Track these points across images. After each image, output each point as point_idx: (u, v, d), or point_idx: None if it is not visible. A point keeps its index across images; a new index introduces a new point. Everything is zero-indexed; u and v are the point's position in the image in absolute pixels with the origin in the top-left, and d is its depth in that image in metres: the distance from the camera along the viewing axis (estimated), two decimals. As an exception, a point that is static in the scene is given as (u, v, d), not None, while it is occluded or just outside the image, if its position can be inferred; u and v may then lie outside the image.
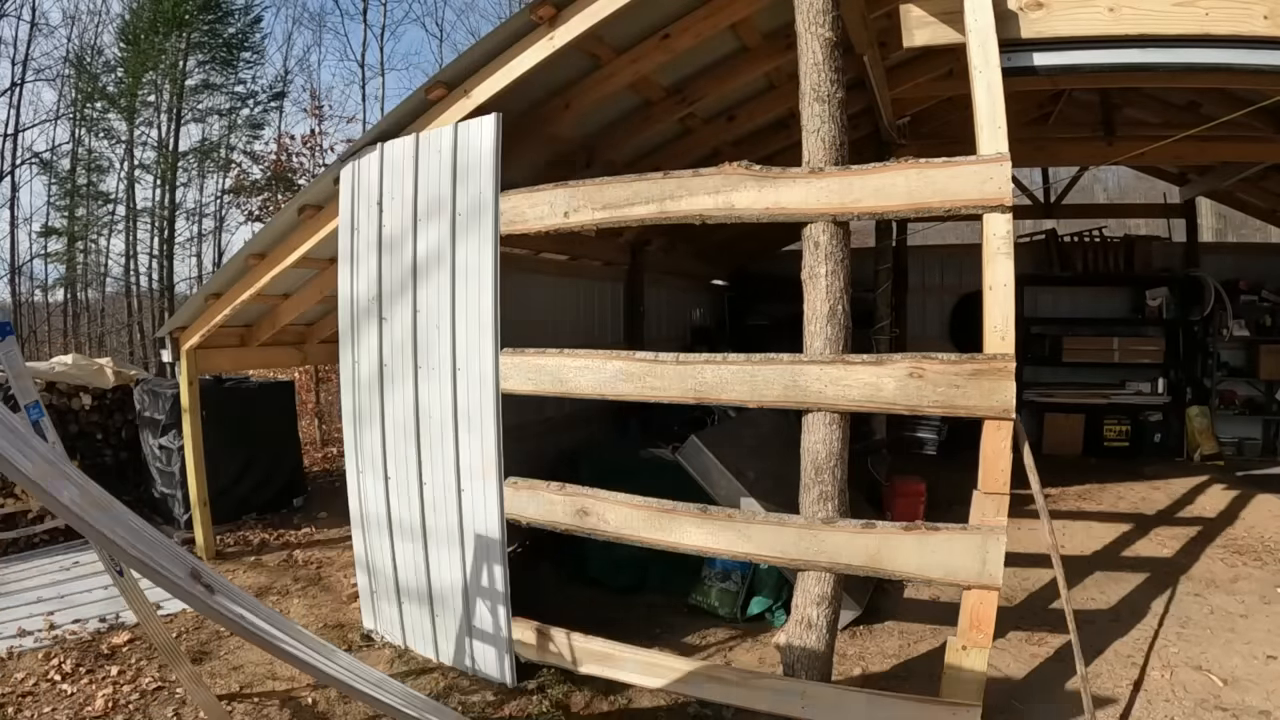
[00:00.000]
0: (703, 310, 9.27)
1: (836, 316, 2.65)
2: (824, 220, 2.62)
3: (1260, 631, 3.50)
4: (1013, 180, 2.46)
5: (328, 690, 3.24)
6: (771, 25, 3.88)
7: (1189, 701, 2.93)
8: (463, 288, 3.21)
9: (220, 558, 5.03)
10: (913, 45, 2.78)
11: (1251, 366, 7.51)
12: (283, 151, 11.59)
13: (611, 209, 2.88)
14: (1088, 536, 5.01)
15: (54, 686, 3.25)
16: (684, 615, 3.97)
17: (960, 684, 2.51)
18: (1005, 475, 2.42)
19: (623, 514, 2.96)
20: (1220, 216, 13.43)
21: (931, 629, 3.58)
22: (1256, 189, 7.51)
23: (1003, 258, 2.38)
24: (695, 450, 4.04)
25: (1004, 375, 2.37)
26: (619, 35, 3.47)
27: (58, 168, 15.84)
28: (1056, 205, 8.57)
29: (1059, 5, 2.56)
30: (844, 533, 2.62)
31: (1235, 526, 5.15)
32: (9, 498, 5.10)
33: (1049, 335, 7.91)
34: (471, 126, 3.12)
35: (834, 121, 2.66)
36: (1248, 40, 2.47)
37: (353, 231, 3.56)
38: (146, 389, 5.76)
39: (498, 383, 3.12)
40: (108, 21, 16.47)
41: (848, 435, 2.71)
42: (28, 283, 15.87)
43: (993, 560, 2.42)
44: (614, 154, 4.77)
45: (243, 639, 2.13)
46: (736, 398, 2.74)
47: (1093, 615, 3.73)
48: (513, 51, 3.08)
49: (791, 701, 2.72)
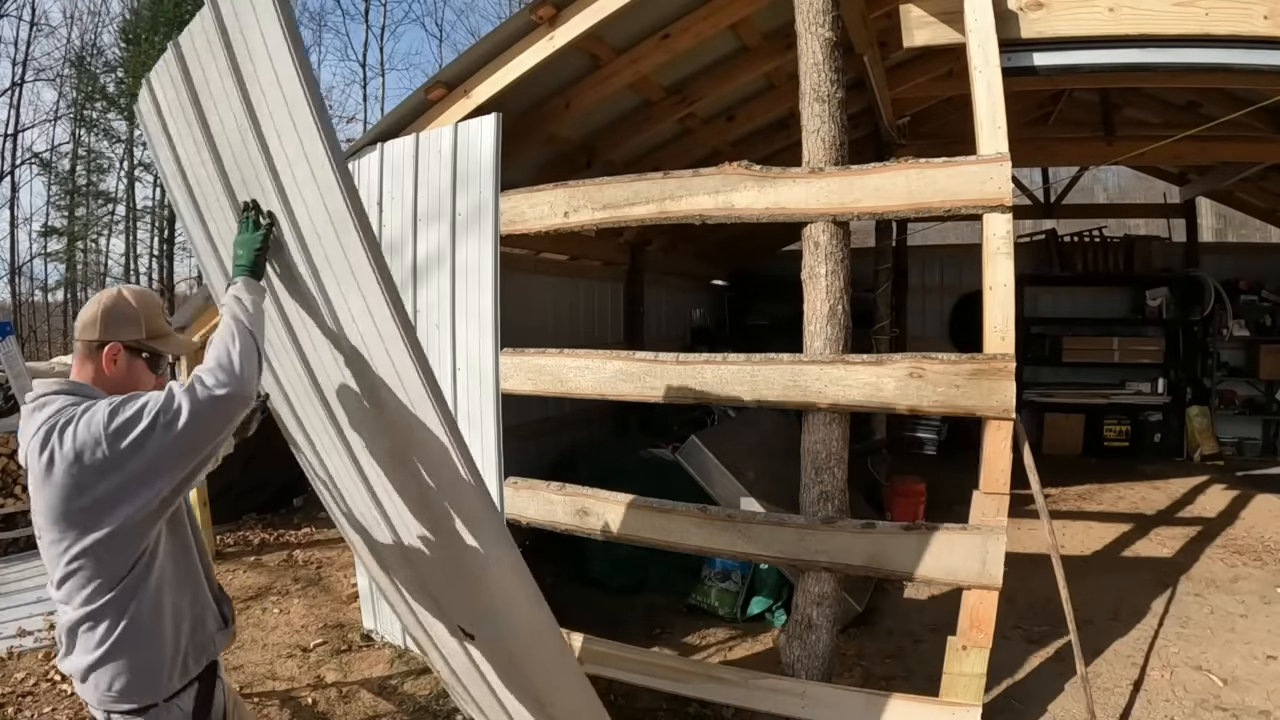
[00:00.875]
0: (703, 310, 9.27)
1: (836, 316, 2.65)
2: (824, 220, 2.63)
3: (1260, 631, 3.50)
4: (1013, 180, 2.46)
5: (328, 690, 3.24)
6: (771, 25, 3.88)
7: (1189, 701, 2.93)
8: (463, 288, 3.20)
9: (220, 558, 5.03)
10: (913, 45, 2.78)
11: (1251, 366, 7.50)
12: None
13: (611, 209, 2.88)
14: (1088, 536, 5.01)
15: (54, 686, 3.26)
16: (684, 615, 3.97)
17: (960, 684, 2.52)
18: (1005, 475, 2.42)
19: (623, 514, 2.96)
20: (1220, 216, 13.43)
21: (931, 629, 3.57)
22: (1256, 189, 7.51)
23: (1003, 258, 2.38)
24: (695, 450, 4.04)
25: (1004, 375, 2.37)
26: (619, 35, 3.47)
27: (58, 168, 15.88)
28: (1056, 205, 8.57)
29: (1059, 5, 2.56)
30: (844, 533, 2.62)
31: (1235, 526, 5.15)
32: (9, 498, 5.10)
33: (1049, 335, 7.91)
34: (471, 126, 3.12)
35: (834, 121, 2.66)
36: (1248, 40, 2.47)
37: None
38: (146, 389, 5.76)
39: (498, 383, 3.12)
40: (108, 21, 16.50)
41: (848, 435, 2.72)
42: (28, 283, 15.92)
43: (993, 560, 2.42)
44: (614, 154, 4.77)
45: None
46: (736, 398, 2.74)
47: (1093, 615, 3.72)
48: (513, 51, 3.08)
49: (791, 701, 2.72)
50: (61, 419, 1.42)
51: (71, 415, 1.42)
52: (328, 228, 1.65)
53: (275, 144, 1.67)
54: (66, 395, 1.50)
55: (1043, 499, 2.66)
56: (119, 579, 1.45)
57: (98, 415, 1.39)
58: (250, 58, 1.62)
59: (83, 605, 1.45)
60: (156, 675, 1.51)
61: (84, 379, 1.56)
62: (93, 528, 1.40)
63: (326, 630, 3.86)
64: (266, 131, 1.68)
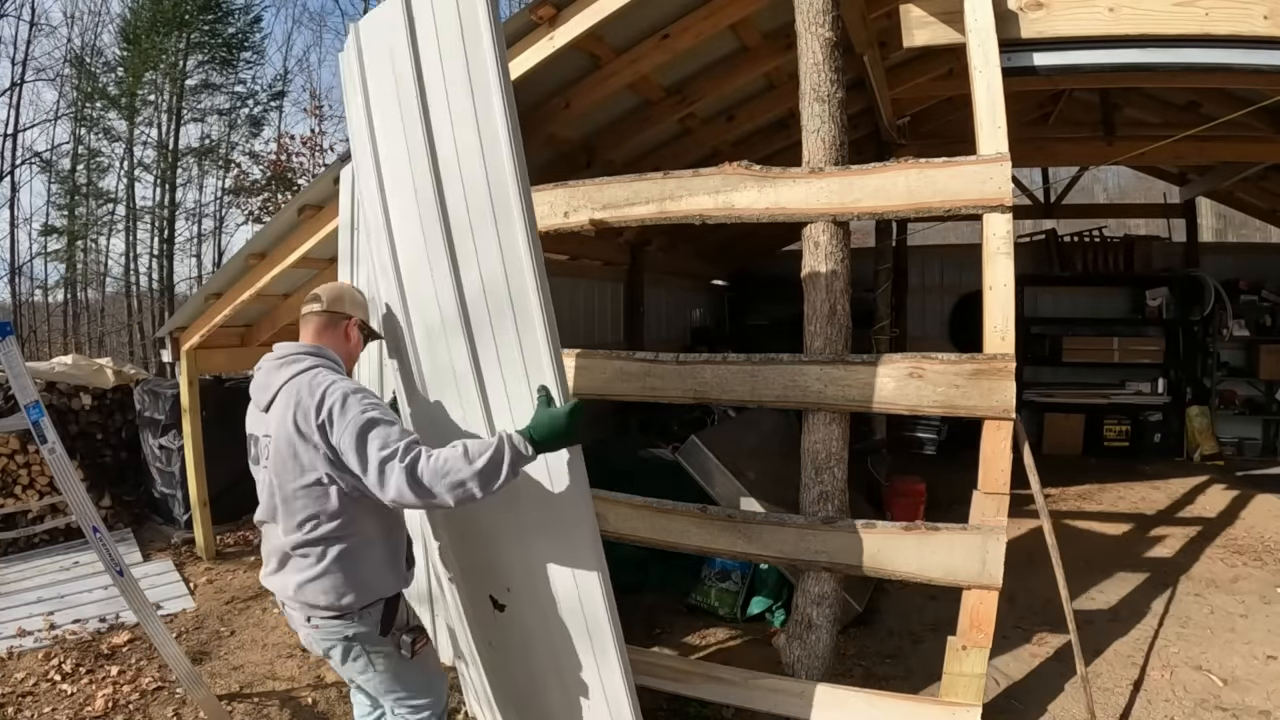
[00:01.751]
0: (703, 310, 9.27)
1: (836, 316, 2.65)
2: (824, 220, 2.62)
3: (1260, 631, 3.50)
4: (1013, 180, 2.46)
5: (328, 690, 3.24)
6: (771, 25, 3.88)
7: (1189, 701, 2.93)
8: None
9: (220, 557, 5.03)
10: (913, 45, 2.77)
11: (1251, 366, 7.50)
12: (282, 151, 11.61)
13: (611, 209, 2.87)
14: (1088, 536, 5.01)
15: (54, 686, 3.26)
16: (684, 615, 3.97)
17: (960, 684, 2.51)
18: (1005, 475, 2.42)
19: (622, 514, 2.95)
20: (1220, 216, 13.44)
21: (931, 629, 3.57)
22: (1256, 189, 7.51)
23: (1003, 258, 2.38)
24: (695, 450, 4.04)
25: (1004, 375, 2.37)
26: (619, 35, 3.47)
27: (58, 167, 15.85)
28: (1056, 205, 8.57)
29: (1059, 5, 2.56)
30: (844, 533, 2.62)
31: (1235, 526, 5.15)
32: (9, 498, 5.10)
33: (1049, 335, 7.91)
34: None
35: (834, 121, 2.66)
36: (1248, 40, 2.47)
37: (353, 232, 3.55)
38: (147, 389, 5.76)
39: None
40: (108, 21, 16.48)
41: (848, 435, 2.72)
42: (28, 283, 15.89)
43: (993, 560, 2.42)
44: (614, 154, 4.77)
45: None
46: (736, 398, 2.74)
47: (1092, 615, 3.72)
48: (513, 51, 3.08)
49: (791, 701, 2.72)
50: (319, 379, 1.83)
51: (327, 381, 1.83)
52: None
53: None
54: (314, 357, 1.93)
55: (1043, 499, 2.66)
56: (334, 516, 1.83)
57: (351, 409, 1.76)
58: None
59: (299, 531, 1.84)
60: (358, 590, 1.88)
61: (324, 344, 1.99)
62: (311, 471, 1.79)
63: (326, 630, 3.86)
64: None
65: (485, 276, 1.97)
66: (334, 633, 1.91)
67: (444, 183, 2.00)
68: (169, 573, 4.72)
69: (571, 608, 2.14)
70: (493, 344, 2.01)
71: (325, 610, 1.87)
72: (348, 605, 1.87)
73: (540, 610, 2.20)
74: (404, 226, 2.12)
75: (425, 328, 2.14)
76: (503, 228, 1.93)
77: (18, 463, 5.16)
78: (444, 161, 1.99)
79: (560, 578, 2.13)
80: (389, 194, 2.15)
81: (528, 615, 2.24)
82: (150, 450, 5.74)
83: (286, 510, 1.85)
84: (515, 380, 1.99)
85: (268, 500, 1.91)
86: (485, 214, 1.94)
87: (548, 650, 2.25)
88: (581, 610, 2.13)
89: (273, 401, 1.87)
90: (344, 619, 1.89)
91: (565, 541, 2.09)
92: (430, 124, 1.99)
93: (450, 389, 2.11)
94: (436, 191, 2.00)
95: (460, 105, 1.94)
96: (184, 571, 4.77)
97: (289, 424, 1.79)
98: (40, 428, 2.63)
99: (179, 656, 2.91)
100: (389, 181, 2.14)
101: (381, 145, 2.13)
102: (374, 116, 2.13)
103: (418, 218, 2.06)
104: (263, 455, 1.90)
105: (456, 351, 2.06)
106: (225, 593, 4.42)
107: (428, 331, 2.13)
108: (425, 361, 2.16)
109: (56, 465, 2.66)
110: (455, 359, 2.08)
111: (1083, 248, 8.13)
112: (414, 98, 1.99)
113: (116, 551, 2.72)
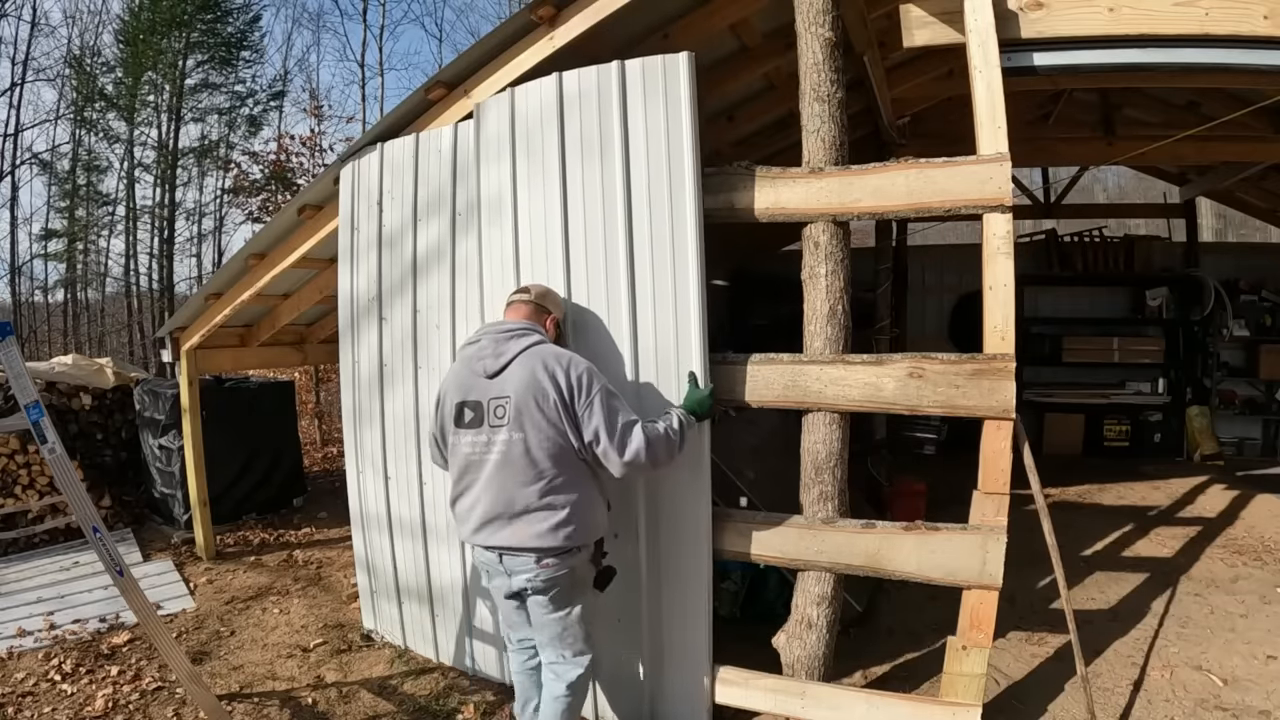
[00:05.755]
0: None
1: (836, 316, 2.65)
2: (824, 220, 2.63)
3: (1260, 631, 3.50)
4: (1013, 180, 2.46)
5: (328, 690, 3.25)
6: (771, 25, 3.88)
7: (1189, 701, 2.93)
8: (462, 286, 3.21)
9: (220, 558, 5.03)
10: (913, 45, 2.78)
11: (1251, 366, 7.50)
12: (282, 151, 11.59)
13: (611, 209, 2.87)
14: (1088, 537, 5.00)
15: (54, 686, 3.26)
16: (684, 615, 3.96)
17: (960, 684, 2.52)
18: (1005, 475, 2.42)
19: (623, 514, 2.96)
20: (1220, 216, 13.43)
21: (932, 629, 3.57)
22: (1256, 189, 7.50)
23: (1003, 258, 2.39)
24: (695, 450, 4.03)
25: (1004, 375, 2.37)
26: (619, 35, 3.46)
27: (58, 168, 15.84)
28: (1056, 205, 8.56)
29: (1059, 5, 2.56)
30: (844, 533, 2.62)
31: (1235, 526, 5.14)
32: (9, 498, 5.10)
33: (1049, 335, 7.90)
34: (472, 126, 3.12)
35: (834, 121, 2.66)
36: (1248, 40, 2.47)
37: (352, 231, 3.56)
38: (146, 389, 5.76)
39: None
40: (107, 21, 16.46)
41: (848, 435, 2.71)
42: (28, 283, 15.89)
43: (993, 560, 2.42)
44: (614, 154, 4.76)
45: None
46: (737, 398, 2.74)
47: (1092, 615, 3.72)
48: (513, 52, 3.08)
49: (791, 701, 2.72)
50: (561, 351, 2.26)
51: (569, 354, 2.25)
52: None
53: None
54: (539, 333, 2.31)
55: (1043, 499, 2.66)
56: (574, 468, 2.21)
57: (596, 383, 2.20)
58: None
59: (541, 481, 2.16)
60: (590, 530, 2.29)
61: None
62: (556, 428, 2.15)
63: (326, 630, 3.86)
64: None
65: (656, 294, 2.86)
66: (560, 567, 2.21)
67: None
68: (169, 573, 4.72)
69: (685, 528, 2.75)
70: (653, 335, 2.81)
71: (557, 550, 2.17)
72: (580, 543, 2.23)
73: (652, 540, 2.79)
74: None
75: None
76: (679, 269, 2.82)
77: (18, 463, 5.17)
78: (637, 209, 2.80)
79: (681, 506, 2.74)
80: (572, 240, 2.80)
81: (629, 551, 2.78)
82: (150, 450, 5.74)
83: (528, 463, 2.13)
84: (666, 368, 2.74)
85: (500, 457, 2.16)
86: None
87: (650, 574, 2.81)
88: (696, 528, 2.74)
89: (506, 368, 2.16)
90: (572, 554, 2.23)
91: (692, 475, 2.70)
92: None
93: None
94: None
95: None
96: (184, 571, 4.77)
97: (540, 385, 2.11)
98: (40, 428, 2.63)
99: (179, 657, 2.91)
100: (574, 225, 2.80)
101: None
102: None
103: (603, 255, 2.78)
104: (493, 417, 2.16)
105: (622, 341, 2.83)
106: (225, 593, 4.42)
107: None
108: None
109: (56, 465, 2.66)
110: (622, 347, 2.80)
111: (1083, 248, 8.12)
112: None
113: (116, 551, 2.72)
